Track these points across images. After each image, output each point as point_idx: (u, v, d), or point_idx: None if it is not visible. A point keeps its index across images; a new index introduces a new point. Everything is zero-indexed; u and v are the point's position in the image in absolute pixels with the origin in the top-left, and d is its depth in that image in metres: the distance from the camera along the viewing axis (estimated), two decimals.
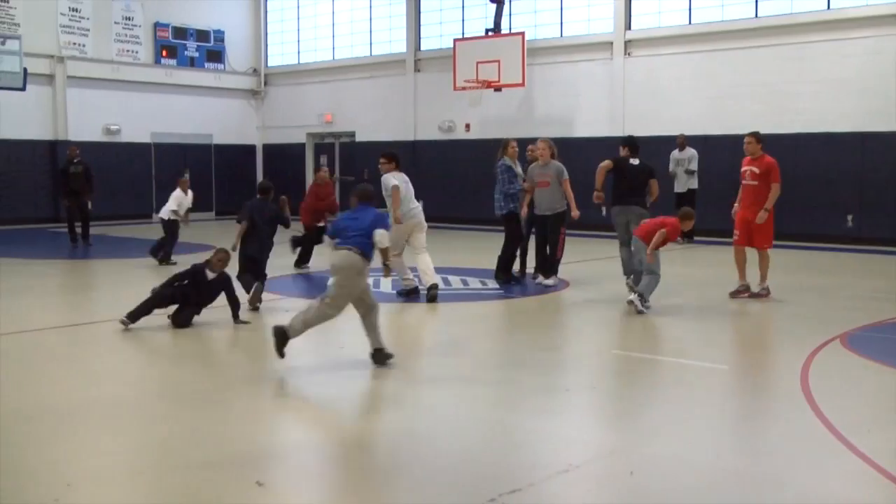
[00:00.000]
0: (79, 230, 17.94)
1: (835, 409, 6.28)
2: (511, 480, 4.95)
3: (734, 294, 11.22)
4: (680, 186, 18.53)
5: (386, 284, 12.24)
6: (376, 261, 7.62)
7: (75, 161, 17.90)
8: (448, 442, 5.79)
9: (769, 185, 11.19)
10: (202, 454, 5.41)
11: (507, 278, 12.34)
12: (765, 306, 10.98)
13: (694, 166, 18.59)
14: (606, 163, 11.48)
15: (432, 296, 10.92)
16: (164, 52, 26.33)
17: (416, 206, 11.60)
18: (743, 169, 11.53)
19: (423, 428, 6.10)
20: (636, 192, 11.36)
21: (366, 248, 7.39)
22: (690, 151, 18.70)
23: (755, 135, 11.52)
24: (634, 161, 11.58)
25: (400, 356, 7.82)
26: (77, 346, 8.90)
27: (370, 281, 7.94)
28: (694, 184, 18.60)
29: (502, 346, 8.88)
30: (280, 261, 14.29)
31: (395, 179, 11.16)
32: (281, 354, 7.31)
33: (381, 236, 7.44)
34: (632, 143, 11.97)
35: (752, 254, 11.31)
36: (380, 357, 7.56)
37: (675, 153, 18.80)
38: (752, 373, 7.68)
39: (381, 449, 5.62)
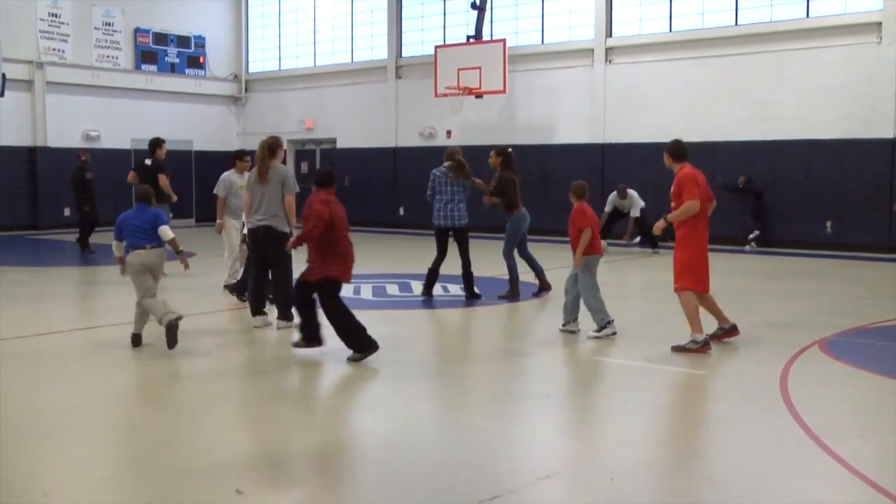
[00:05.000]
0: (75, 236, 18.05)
1: (813, 414, 6.31)
2: (492, 487, 4.94)
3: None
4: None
5: (366, 291, 12.24)
6: None
7: (88, 167, 18.08)
8: (428, 449, 5.79)
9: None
10: (182, 462, 5.38)
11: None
12: (743, 311, 11.03)
13: (637, 213, 18.04)
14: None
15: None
16: (145, 57, 26.24)
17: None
18: None
19: (402, 435, 6.09)
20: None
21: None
22: (633, 197, 18.10)
23: (667, 149, 8.87)
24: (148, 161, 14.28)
25: (378, 363, 7.81)
26: (57, 354, 8.81)
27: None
28: (637, 213, 18.05)
29: (482, 353, 8.87)
30: None
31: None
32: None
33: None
34: (152, 144, 14.99)
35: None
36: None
37: (613, 196, 18.25)
38: (731, 378, 7.70)
39: (360, 457, 5.61)
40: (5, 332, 9.42)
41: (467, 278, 11.73)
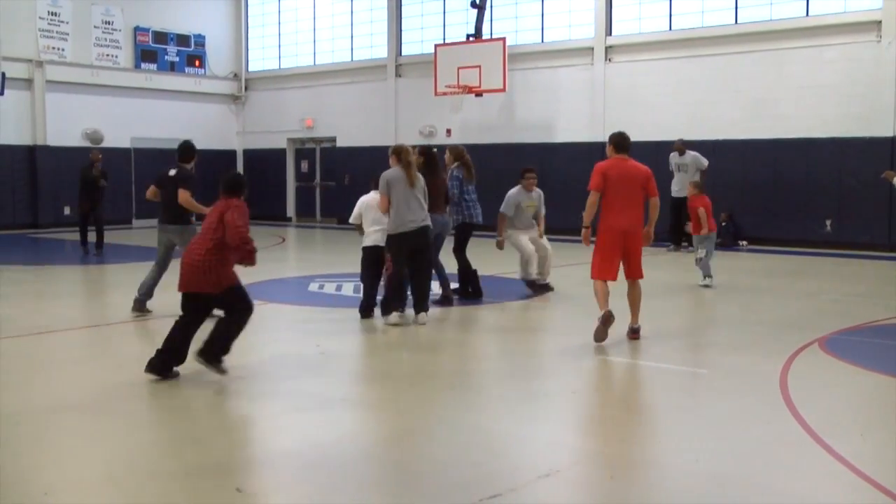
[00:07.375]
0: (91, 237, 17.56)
1: (814, 413, 6.31)
2: (492, 485, 4.94)
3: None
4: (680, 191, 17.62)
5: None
6: None
7: (95, 165, 17.62)
8: (429, 447, 5.78)
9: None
10: (182, 462, 5.38)
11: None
12: (743, 310, 11.04)
13: (703, 164, 17.95)
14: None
15: None
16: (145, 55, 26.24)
17: None
18: None
19: (403, 433, 6.09)
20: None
21: None
22: (692, 154, 18.19)
23: (609, 139, 9.17)
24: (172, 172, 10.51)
25: (382, 361, 7.81)
26: (60, 351, 8.81)
27: None
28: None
29: (484, 351, 8.87)
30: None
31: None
32: None
33: None
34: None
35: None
36: None
37: (675, 156, 18.41)
38: (732, 377, 7.70)
39: (362, 455, 5.60)
40: (5, 332, 9.41)
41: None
